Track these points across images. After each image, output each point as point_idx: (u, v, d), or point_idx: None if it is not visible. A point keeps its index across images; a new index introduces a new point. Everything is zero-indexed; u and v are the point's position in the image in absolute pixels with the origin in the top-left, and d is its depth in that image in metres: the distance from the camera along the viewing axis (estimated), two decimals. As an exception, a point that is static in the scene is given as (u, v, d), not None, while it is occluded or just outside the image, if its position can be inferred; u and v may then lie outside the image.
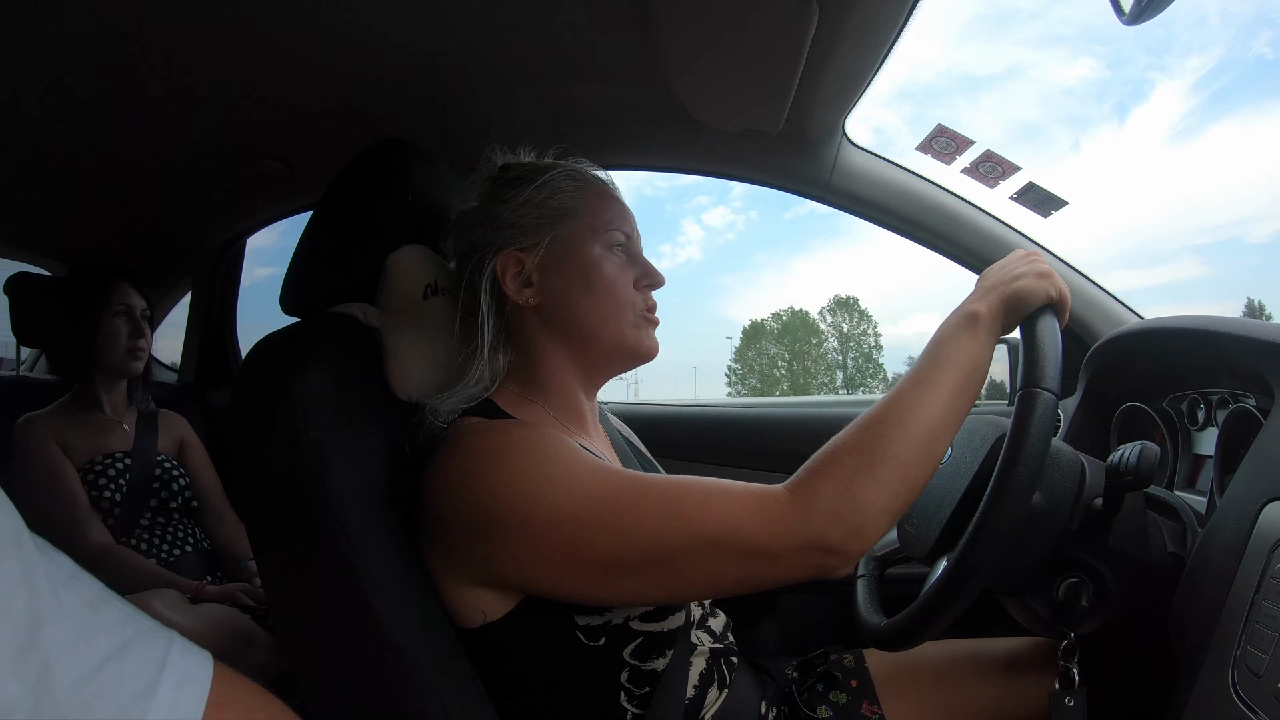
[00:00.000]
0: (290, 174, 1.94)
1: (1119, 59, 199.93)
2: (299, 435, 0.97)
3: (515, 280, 1.09)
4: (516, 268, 1.09)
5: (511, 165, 1.17)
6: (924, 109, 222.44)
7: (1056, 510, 1.06)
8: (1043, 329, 0.98)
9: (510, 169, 1.16)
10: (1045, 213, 1.68)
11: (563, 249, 1.10)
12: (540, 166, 1.16)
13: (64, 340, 2.12)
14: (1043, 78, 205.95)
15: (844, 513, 0.86)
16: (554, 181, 1.12)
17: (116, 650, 0.48)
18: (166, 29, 1.28)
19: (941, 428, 0.93)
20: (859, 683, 1.25)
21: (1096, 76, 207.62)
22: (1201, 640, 0.93)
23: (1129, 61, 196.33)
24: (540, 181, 1.12)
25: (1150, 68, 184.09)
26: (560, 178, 1.13)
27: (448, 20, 1.32)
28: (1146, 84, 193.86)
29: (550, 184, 1.12)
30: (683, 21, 1.25)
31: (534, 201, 1.10)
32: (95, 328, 2.07)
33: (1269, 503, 0.94)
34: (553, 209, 1.10)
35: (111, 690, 0.47)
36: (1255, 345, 1.13)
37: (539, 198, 1.11)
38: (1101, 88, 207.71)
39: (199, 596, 1.85)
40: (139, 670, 0.49)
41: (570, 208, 1.11)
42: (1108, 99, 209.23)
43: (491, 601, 0.96)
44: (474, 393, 1.06)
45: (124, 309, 2.12)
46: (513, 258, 1.09)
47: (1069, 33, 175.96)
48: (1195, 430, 1.37)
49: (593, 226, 1.11)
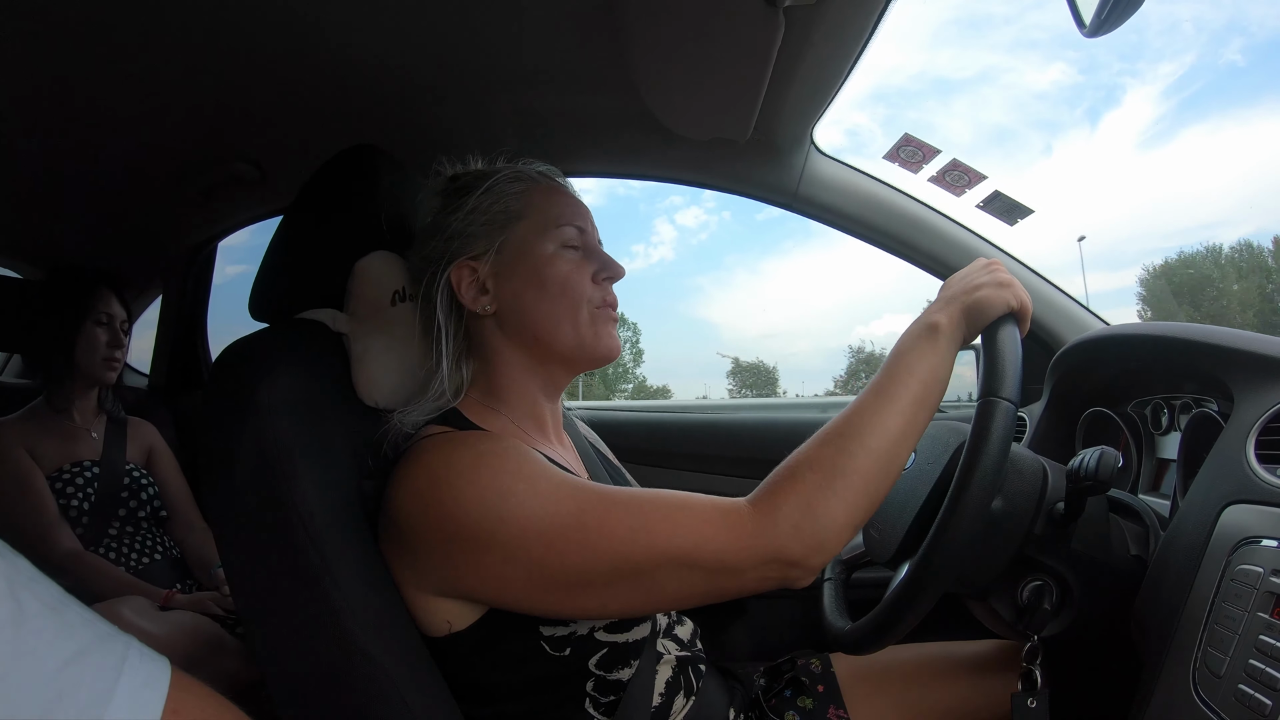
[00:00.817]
0: (261, 177, 1.93)
1: (1091, 64, 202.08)
2: (267, 441, 0.96)
3: (470, 289, 1.08)
4: (470, 277, 1.08)
5: (458, 175, 1.17)
6: (897, 111, 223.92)
7: (1019, 514, 1.08)
8: (1003, 338, 0.99)
9: (457, 179, 1.16)
10: (1011, 220, 1.69)
11: (513, 252, 1.09)
12: (485, 172, 1.15)
13: (42, 345, 2.10)
14: (1015, 82, 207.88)
15: (806, 528, 0.88)
16: (498, 185, 1.12)
17: (75, 654, 0.48)
18: (139, 30, 1.28)
19: (902, 440, 0.94)
20: (826, 687, 1.26)
21: (1069, 81, 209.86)
22: (1163, 642, 0.94)
23: (1101, 67, 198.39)
24: (485, 187, 1.11)
25: (1123, 73, 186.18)
26: (504, 181, 1.12)
27: (420, 27, 1.32)
28: (1118, 89, 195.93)
29: (495, 188, 1.11)
30: (651, 31, 1.25)
31: (480, 208, 1.10)
32: (76, 334, 2.05)
33: (1228, 506, 0.95)
34: (499, 213, 1.10)
35: (70, 694, 0.47)
36: (1215, 351, 1.14)
37: (485, 204, 1.10)
38: (1074, 93, 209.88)
39: (168, 605, 1.84)
40: (97, 675, 0.49)
41: (516, 209, 1.10)
42: (1080, 104, 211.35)
43: (457, 612, 0.96)
44: (438, 405, 1.06)
45: (106, 317, 2.11)
46: (465, 267, 1.08)
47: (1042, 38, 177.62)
48: (1159, 435, 1.39)
49: (541, 225, 1.10)
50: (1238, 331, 1.15)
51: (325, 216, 1.20)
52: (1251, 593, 0.84)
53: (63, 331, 2.05)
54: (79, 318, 2.06)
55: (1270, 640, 0.78)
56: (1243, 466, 0.97)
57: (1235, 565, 0.88)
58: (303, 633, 0.94)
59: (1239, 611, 0.84)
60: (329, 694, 0.93)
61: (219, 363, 1.06)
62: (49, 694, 0.46)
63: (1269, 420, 0.99)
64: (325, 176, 1.21)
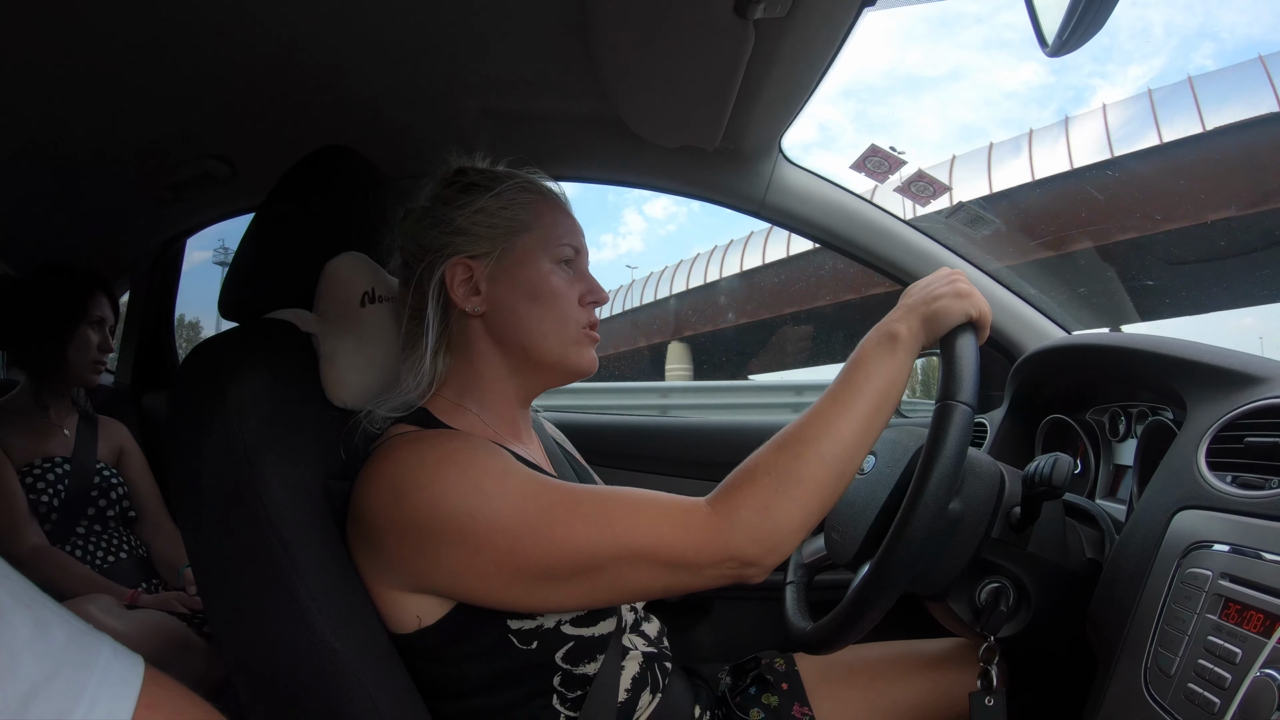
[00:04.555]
0: (233, 175, 1.91)
1: (1062, 65, 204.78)
2: (235, 441, 0.96)
3: (463, 287, 1.09)
4: (465, 275, 1.09)
5: (467, 170, 1.16)
6: (867, 106, 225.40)
7: (976, 518, 1.10)
8: (960, 346, 1.01)
9: (466, 173, 1.15)
10: (977, 231, 1.72)
11: (513, 260, 1.09)
12: (496, 174, 1.15)
13: (34, 344, 2.08)
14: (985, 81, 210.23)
15: (762, 529, 0.91)
16: (509, 192, 1.12)
17: (50, 651, 0.49)
18: (108, 21, 1.26)
19: (857, 446, 0.96)
20: (790, 685, 1.27)
21: (1039, 81, 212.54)
22: (1116, 642, 0.97)
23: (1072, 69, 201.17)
24: (496, 190, 1.11)
25: (1093, 75, 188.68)
26: (516, 189, 1.13)
27: (392, 28, 1.32)
28: (1088, 90, 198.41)
29: (506, 194, 1.11)
30: (621, 39, 1.27)
31: (488, 210, 1.10)
32: (71, 335, 2.05)
33: (1179, 511, 0.98)
34: (506, 219, 1.10)
35: (46, 690, 0.47)
36: (1170, 362, 1.18)
37: (494, 206, 1.10)
38: (1044, 93, 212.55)
39: (134, 604, 1.83)
40: (72, 671, 0.49)
41: (524, 220, 1.11)
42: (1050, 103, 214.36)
43: (425, 607, 0.97)
44: (409, 400, 1.07)
45: (99, 320, 2.11)
46: (462, 265, 1.08)
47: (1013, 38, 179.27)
48: (1116, 441, 1.42)
49: (544, 240, 1.11)
50: (1192, 343, 1.18)
51: (295, 217, 1.20)
52: (1201, 595, 0.86)
53: (57, 332, 2.04)
54: (75, 320, 2.06)
55: (1219, 641, 0.80)
56: (1194, 473, 0.99)
57: (1186, 568, 0.91)
58: (270, 631, 0.94)
59: (1189, 613, 0.86)
60: (296, 692, 0.93)
61: (187, 362, 1.06)
62: (24, 689, 0.46)
63: (1220, 429, 1.01)
64: (296, 177, 1.21)
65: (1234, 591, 0.82)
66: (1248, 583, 0.81)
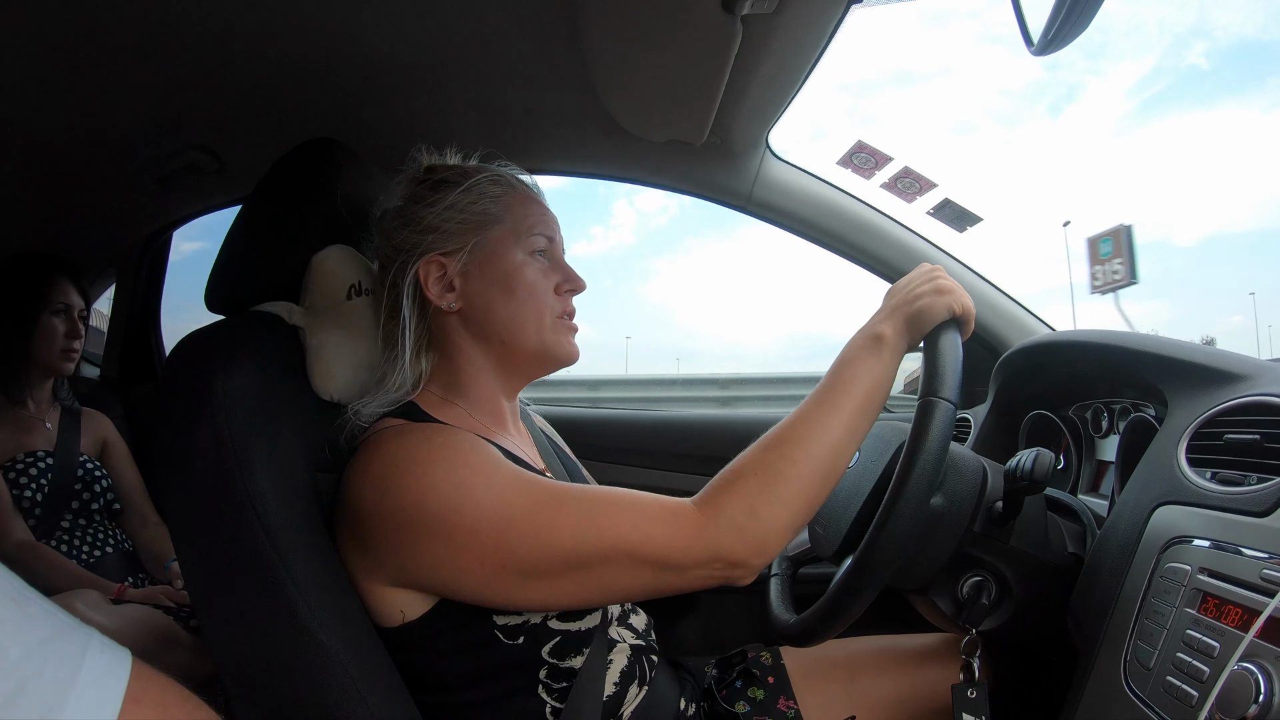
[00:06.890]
0: (220, 167, 1.90)
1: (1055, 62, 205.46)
2: (222, 434, 0.96)
3: (438, 284, 1.09)
4: (439, 272, 1.09)
5: (436, 167, 1.17)
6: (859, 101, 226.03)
7: (958, 512, 1.11)
8: (943, 342, 1.02)
9: (435, 171, 1.16)
10: (960, 228, 1.73)
11: (485, 254, 1.10)
12: (465, 170, 1.16)
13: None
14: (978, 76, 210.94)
15: (749, 530, 0.91)
16: (479, 186, 1.12)
17: (36, 645, 0.48)
18: (93, 12, 1.26)
19: (843, 447, 0.98)
20: (776, 679, 1.28)
21: (1032, 77, 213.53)
22: (1096, 635, 0.98)
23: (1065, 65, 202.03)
24: (465, 186, 1.11)
25: (1086, 71, 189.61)
26: (485, 183, 1.13)
27: (380, 19, 1.32)
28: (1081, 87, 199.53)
29: (475, 189, 1.12)
30: (610, 33, 1.27)
31: (458, 206, 1.10)
32: (34, 325, 2.01)
33: (1159, 506, 0.99)
34: (476, 214, 1.10)
35: (32, 684, 0.47)
36: (1152, 359, 1.19)
37: (463, 202, 1.10)
38: (1036, 89, 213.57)
39: (121, 599, 1.82)
40: (59, 665, 0.49)
41: (494, 213, 1.11)
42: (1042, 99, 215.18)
43: (410, 602, 0.97)
44: (396, 396, 1.07)
45: (63, 307, 2.07)
46: (435, 262, 1.09)
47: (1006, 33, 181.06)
48: (1099, 437, 1.43)
49: (515, 232, 1.11)
50: (1174, 340, 1.19)
51: (282, 210, 1.19)
52: (1180, 589, 0.87)
53: (19, 323, 2.00)
54: (36, 309, 2.02)
55: (1197, 635, 0.81)
56: (1174, 469, 1.01)
57: (1165, 563, 0.92)
58: (257, 624, 0.94)
59: (1168, 607, 0.88)
60: (283, 685, 0.93)
61: (173, 355, 1.06)
62: (11, 684, 0.46)
63: (1200, 426, 1.03)
64: (283, 170, 1.21)
65: (1212, 586, 0.83)
66: (1226, 577, 0.82)
